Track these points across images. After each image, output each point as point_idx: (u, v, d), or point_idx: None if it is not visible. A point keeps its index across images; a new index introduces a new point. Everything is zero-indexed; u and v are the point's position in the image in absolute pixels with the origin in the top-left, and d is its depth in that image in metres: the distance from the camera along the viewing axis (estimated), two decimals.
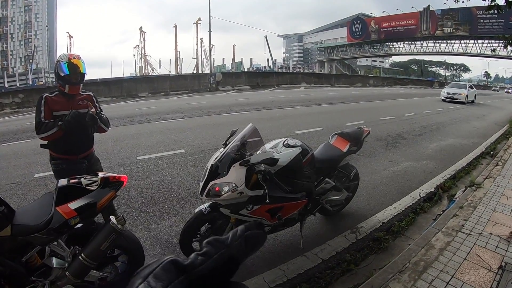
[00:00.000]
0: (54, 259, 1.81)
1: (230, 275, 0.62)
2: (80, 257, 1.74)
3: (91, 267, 1.77)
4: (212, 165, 2.26)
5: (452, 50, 48.57)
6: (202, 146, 5.87)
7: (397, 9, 52.16)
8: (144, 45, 79.58)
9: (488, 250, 2.56)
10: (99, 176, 1.89)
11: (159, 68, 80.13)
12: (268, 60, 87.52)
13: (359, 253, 2.70)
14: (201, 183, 2.24)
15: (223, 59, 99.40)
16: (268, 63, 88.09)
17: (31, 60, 70.23)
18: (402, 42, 53.61)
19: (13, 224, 1.62)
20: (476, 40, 44.66)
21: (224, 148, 2.34)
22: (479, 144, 7.07)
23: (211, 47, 29.30)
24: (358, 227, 3.15)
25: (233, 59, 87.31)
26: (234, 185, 2.15)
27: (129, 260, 2.10)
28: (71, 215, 1.72)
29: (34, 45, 75.86)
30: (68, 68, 2.36)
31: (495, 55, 39.87)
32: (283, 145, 2.56)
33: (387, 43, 56.66)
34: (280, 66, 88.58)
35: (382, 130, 7.66)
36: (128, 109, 11.78)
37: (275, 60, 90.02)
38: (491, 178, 4.28)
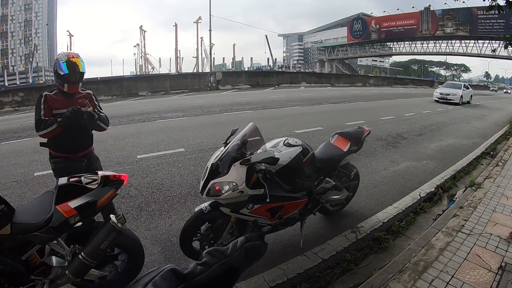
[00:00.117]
0: (54, 257, 1.80)
1: (229, 285, 0.62)
2: (80, 256, 1.73)
3: (91, 266, 1.77)
4: (212, 164, 2.25)
5: (453, 50, 48.57)
6: (202, 145, 5.86)
7: (398, 9, 52.05)
8: (145, 44, 79.70)
9: (488, 250, 2.56)
10: (99, 175, 1.89)
11: (159, 67, 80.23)
12: (268, 59, 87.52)
13: (359, 252, 2.70)
14: (202, 182, 2.24)
15: (223, 58, 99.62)
16: (268, 62, 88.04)
17: (31, 59, 70.15)
18: (402, 42, 53.61)
19: (13, 223, 1.62)
20: (476, 40, 44.66)
21: (225, 147, 2.33)
22: (479, 144, 7.06)
23: (211, 46, 29.34)
24: (358, 226, 3.15)
25: (233, 58, 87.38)
26: (234, 184, 2.14)
27: (129, 259, 2.10)
28: (71, 214, 1.72)
29: (34, 43, 75.80)
30: (67, 67, 2.35)
31: (495, 55, 39.84)
32: (283, 144, 2.55)
33: (388, 43, 56.66)
34: (280, 66, 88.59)
35: (382, 130, 7.66)
36: (128, 107, 11.77)
37: (275, 59, 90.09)
38: (491, 178, 4.28)
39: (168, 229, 3.02)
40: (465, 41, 45.95)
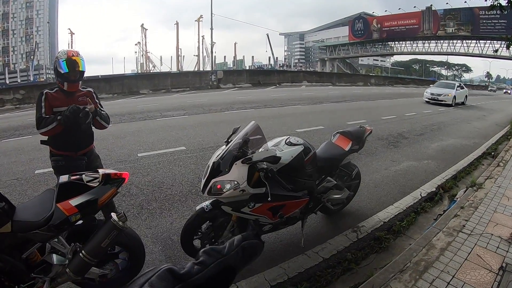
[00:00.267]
0: (54, 255, 1.80)
1: (226, 284, 0.61)
2: (80, 254, 1.73)
3: (91, 264, 1.77)
4: (214, 163, 2.25)
5: (454, 50, 48.48)
6: (203, 143, 5.86)
7: (399, 9, 51.80)
8: (146, 42, 79.32)
9: (489, 251, 2.55)
10: (100, 173, 1.88)
11: (161, 65, 79.96)
12: (269, 58, 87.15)
13: (360, 252, 2.69)
14: (203, 181, 2.23)
15: (225, 57, 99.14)
16: (269, 61, 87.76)
17: (32, 57, 70.09)
18: (404, 42, 53.52)
19: (14, 221, 1.62)
20: (478, 41, 44.56)
21: (226, 145, 2.33)
22: (480, 144, 7.04)
23: (212, 44, 29.34)
24: (359, 226, 3.14)
25: (235, 56, 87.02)
26: (236, 183, 2.14)
27: (130, 257, 2.10)
28: (72, 212, 1.71)
29: (36, 41, 75.76)
30: (67, 66, 2.34)
31: (497, 55, 39.74)
32: (285, 143, 2.55)
33: (389, 43, 56.53)
34: (281, 64, 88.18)
35: (383, 129, 7.65)
36: (129, 106, 11.78)
37: (277, 58, 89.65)
38: (492, 178, 4.26)
39: (169, 228, 3.02)
40: (467, 41, 45.85)
